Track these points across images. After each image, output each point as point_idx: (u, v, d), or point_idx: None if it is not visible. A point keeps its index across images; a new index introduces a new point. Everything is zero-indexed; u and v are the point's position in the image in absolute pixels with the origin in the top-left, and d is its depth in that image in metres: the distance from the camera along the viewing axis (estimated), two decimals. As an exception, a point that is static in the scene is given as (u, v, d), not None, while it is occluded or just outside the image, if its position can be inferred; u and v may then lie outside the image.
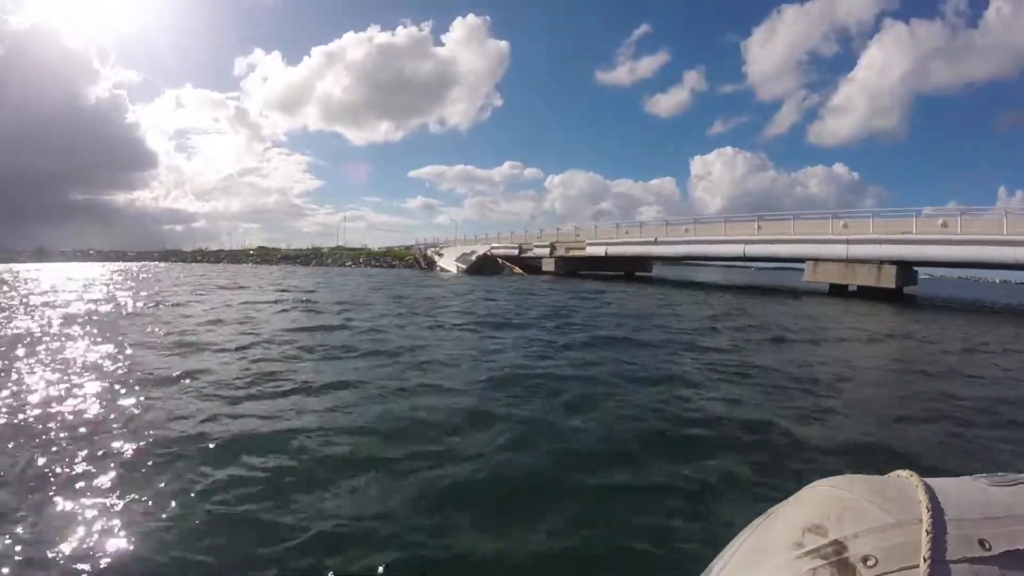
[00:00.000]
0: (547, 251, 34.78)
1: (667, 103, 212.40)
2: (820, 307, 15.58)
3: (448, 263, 37.29)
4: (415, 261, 43.29)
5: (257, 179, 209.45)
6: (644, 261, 34.19)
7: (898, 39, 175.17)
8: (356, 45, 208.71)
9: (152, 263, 60.72)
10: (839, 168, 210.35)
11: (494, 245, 41.26)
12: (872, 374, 6.14)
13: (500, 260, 35.30)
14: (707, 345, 7.26)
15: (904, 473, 0.43)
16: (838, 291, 21.04)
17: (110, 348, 5.94)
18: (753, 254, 23.09)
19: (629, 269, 36.67)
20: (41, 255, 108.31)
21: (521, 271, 33.61)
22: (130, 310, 10.21)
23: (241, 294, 14.70)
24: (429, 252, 43.17)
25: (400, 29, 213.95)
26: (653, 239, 26.91)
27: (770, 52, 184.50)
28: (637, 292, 19.91)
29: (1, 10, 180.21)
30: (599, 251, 30.43)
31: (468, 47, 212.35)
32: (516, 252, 38.20)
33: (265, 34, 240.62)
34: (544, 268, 34.52)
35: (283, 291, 15.85)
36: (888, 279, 19.61)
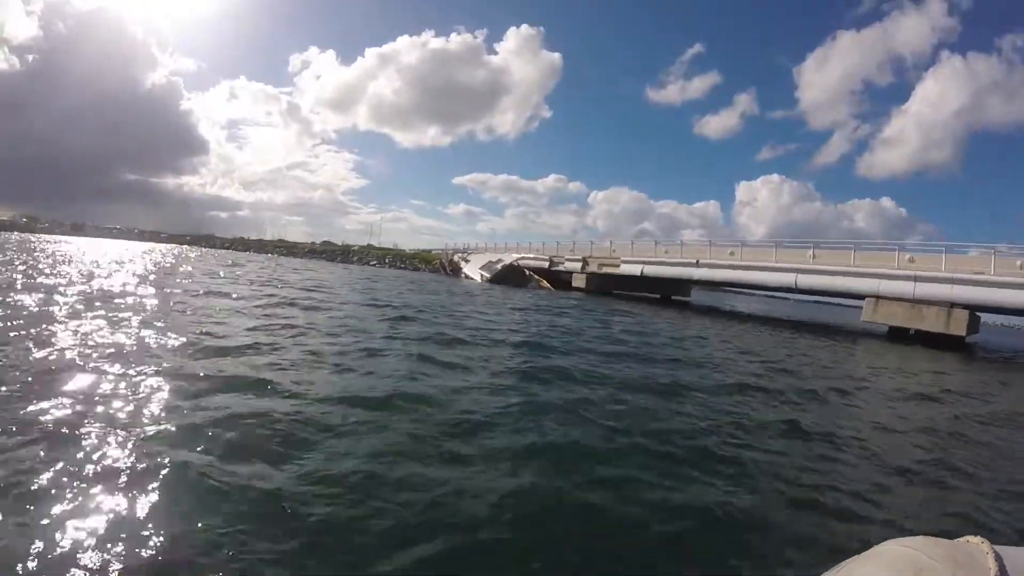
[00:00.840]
0: (579, 266, 33.45)
1: (716, 125, 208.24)
2: (888, 356, 13.79)
3: (473, 270, 36.41)
4: (440, 266, 42.55)
5: (304, 173, 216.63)
6: (682, 284, 32.48)
7: (954, 72, 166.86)
8: (410, 49, 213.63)
9: (184, 246, 62.70)
10: (886, 202, 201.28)
11: (524, 255, 40.20)
12: None
13: (528, 272, 34.11)
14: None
15: (975, 539, 0.43)
16: (899, 335, 18.97)
17: None
18: (806, 285, 21.20)
19: (666, 292, 34.96)
20: (77, 229, 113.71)
21: (549, 285, 32.36)
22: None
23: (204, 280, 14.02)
24: (456, 258, 42.38)
25: (454, 36, 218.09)
26: (694, 260, 25.25)
27: (823, 78, 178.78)
28: (681, 321, 18.35)
29: None
30: (634, 270, 28.91)
31: (520, 57, 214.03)
32: (546, 265, 37.02)
33: (321, 33, 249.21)
34: (574, 284, 33.19)
35: (255, 285, 15.14)
36: (959, 325, 17.56)
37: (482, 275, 34.33)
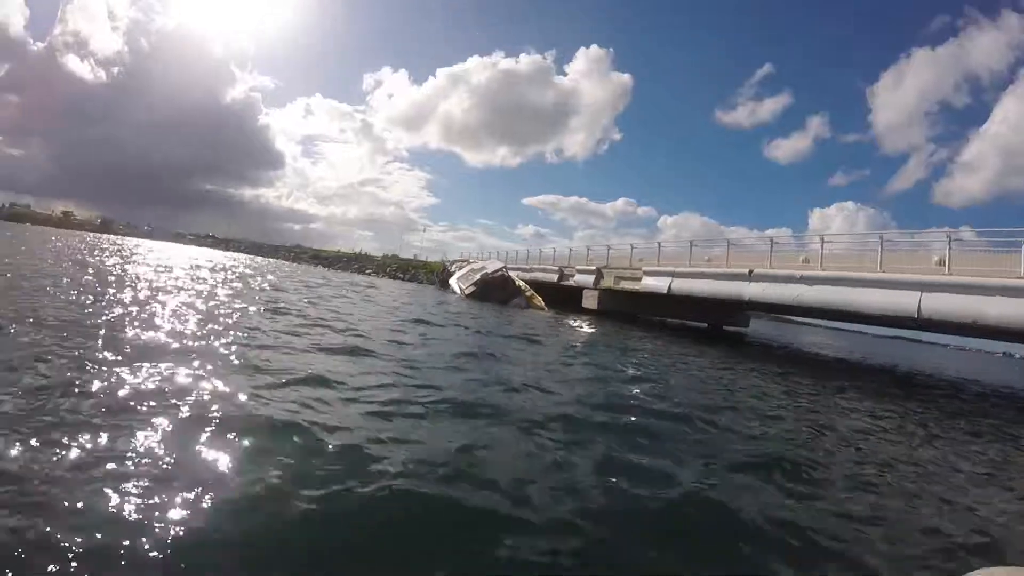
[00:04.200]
0: (591, 279, 25.57)
1: (788, 149, 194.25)
2: None
3: (456, 282, 29.44)
4: (438, 277, 35.76)
5: (377, 190, 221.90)
6: (733, 308, 23.89)
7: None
8: (480, 69, 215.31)
9: (240, 253, 62.87)
10: (966, 232, 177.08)
11: (535, 267, 32.75)
12: None
13: (518, 285, 26.41)
14: None
15: None
16: None
17: None
18: (938, 313, 12.35)
19: (713, 319, 26.35)
20: (148, 233, 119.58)
21: (542, 304, 24.47)
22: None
23: None
24: (453, 268, 35.54)
25: (524, 56, 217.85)
26: (746, 271, 16.92)
27: (897, 99, 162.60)
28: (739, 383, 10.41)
29: (148, 9, 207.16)
30: (660, 285, 20.75)
31: (590, 78, 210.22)
32: (555, 278, 29.42)
33: (394, 52, 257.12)
34: (585, 304, 25.32)
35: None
36: None
37: (461, 288, 27.31)
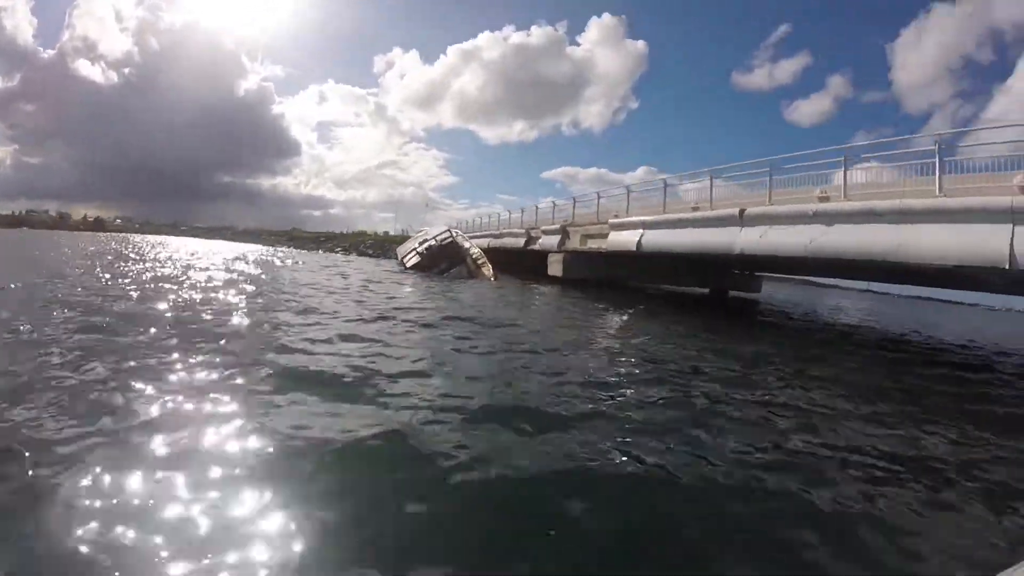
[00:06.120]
0: (555, 240, 20.67)
1: (808, 110, 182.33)
2: None
3: (401, 253, 25.02)
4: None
5: (395, 171, 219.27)
6: (726, 266, 18.75)
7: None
8: (492, 45, 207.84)
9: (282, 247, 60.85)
10: None
11: (504, 231, 27.94)
12: None
13: (471, 249, 21.59)
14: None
15: None
16: None
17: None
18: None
19: (717, 285, 21.29)
20: (171, 229, 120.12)
21: (490, 274, 19.60)
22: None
23: None
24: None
25: (535, 29, 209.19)
26: (736, 211, 11.79)
27: (919, 57, 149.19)
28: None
29: (155, 8, 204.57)
30: (629, 240, 15.71)
31: (604, 47, 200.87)
32: (522, 243, 24.64)
33: (404, 32, 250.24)
34: (551, 271, 20.54)
35: None
36: None
37: (404, 260, 22.81)
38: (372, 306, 8.82)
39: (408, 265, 21.68)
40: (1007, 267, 7.51)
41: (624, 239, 15.92)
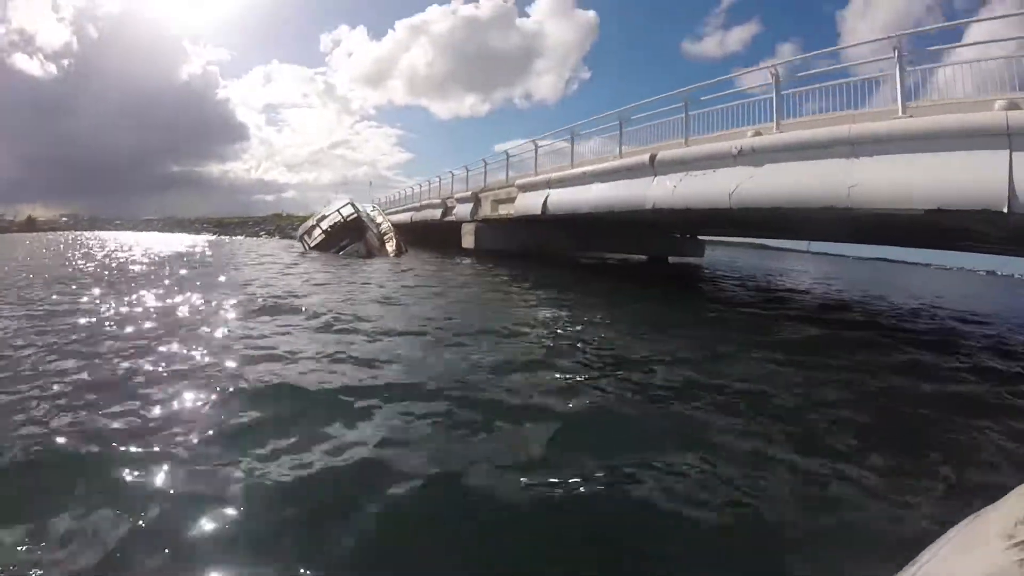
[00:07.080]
0: (468, 209, 17.64)
1: (759, 78, 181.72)
2: None
3: (302, 233, 21.63)
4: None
5: (347, 151, 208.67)
6: (673, 232, 16.15)
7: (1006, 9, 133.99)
8: (440, 18, 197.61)
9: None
10: None
11: (424, 203, 24.69)
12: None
13: (380, 223, 18.68)
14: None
15: None
16: None
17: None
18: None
19: (655, 251, 18.74)
20: (106, 224, 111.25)
21: (392, 250, 16.63)
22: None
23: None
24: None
25: (484, 1, 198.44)
26: (646, 157, 9.01)
27: (869, 24, 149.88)
28: None
29: None
30: (534, 202, 12.80)
31: (554, 18, 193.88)
32: (439, 214, 21.55)
33: (349, 9, 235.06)
34: (464, 243, 17.59)
35: None
36: None
37: (305, 240, 19.58)
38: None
39: (312, 245, 18.67)
40: (1005, 210, 4.99)
41: (530, 202, 13.02)
